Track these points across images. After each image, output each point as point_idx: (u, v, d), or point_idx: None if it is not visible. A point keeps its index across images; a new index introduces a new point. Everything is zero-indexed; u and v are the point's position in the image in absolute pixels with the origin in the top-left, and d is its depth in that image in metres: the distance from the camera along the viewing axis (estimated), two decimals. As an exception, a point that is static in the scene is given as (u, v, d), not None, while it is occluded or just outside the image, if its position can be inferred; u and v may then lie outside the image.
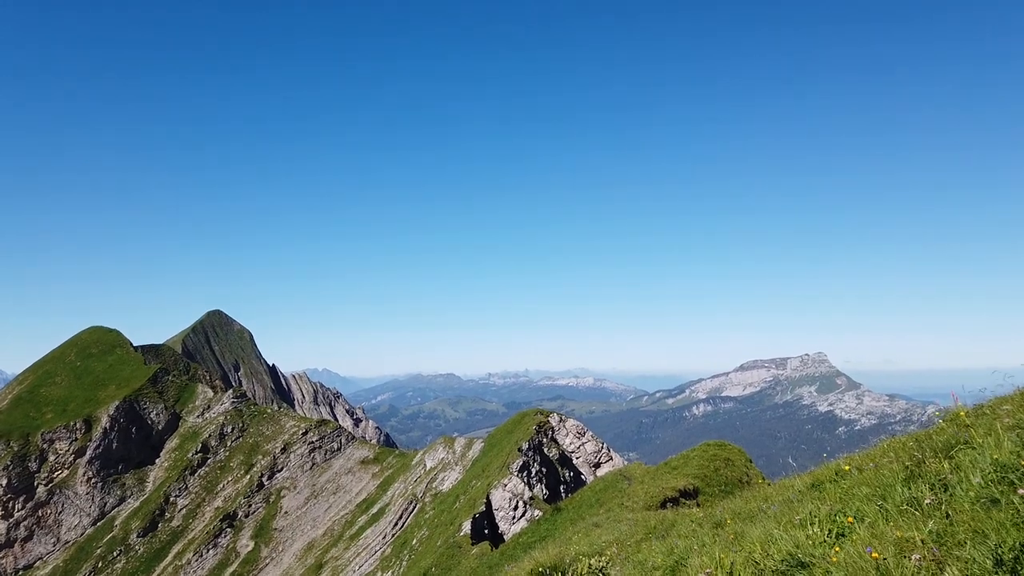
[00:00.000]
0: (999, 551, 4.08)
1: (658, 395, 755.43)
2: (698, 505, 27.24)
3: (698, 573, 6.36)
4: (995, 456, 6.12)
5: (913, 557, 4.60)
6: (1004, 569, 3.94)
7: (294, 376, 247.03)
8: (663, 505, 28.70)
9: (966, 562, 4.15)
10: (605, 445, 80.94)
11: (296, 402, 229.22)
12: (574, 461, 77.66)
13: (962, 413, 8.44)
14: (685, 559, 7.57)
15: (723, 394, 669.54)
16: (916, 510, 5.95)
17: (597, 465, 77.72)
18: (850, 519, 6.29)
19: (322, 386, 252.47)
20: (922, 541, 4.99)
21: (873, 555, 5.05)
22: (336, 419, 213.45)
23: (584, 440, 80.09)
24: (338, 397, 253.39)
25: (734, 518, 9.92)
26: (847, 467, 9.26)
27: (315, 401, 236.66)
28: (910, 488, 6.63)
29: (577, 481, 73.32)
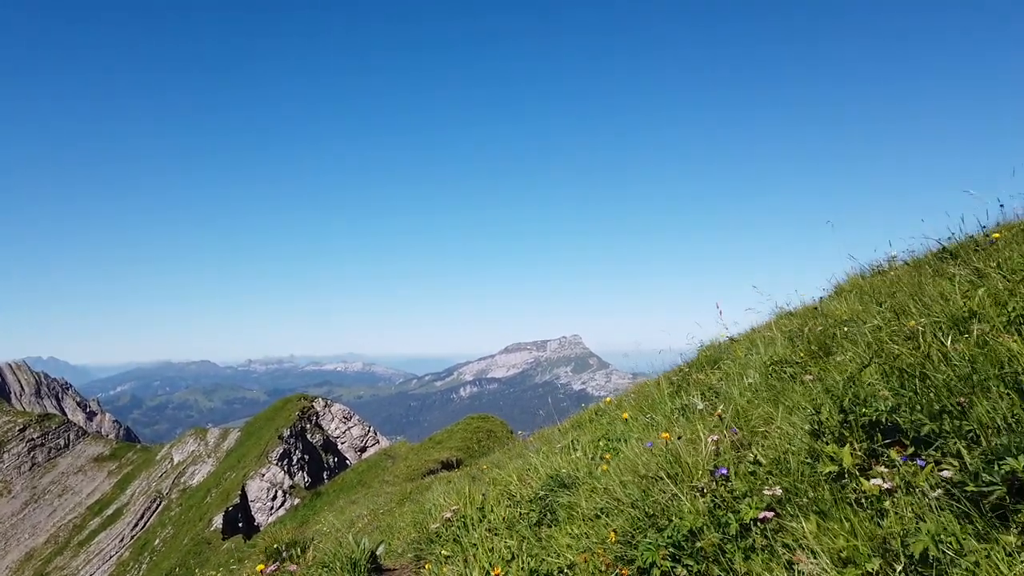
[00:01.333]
0: (816, 419, 3.47)
1: (427, 378, 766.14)
2: (461, 475, 27.04)
3: (443, 512, 5.40)
4: (770, 354, 5.85)
5: (710, 439, 3.87)
6: (827, 437, 3.32)
7: (10, 366, 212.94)
8: (425, 477, 28.13)
9: (778, 437, 3.54)
10: (372, 428, 79.82)
11: (14, 395, 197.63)
12: (339, 446, 75.68)
13: (723, 335, 8.34)
14: (434, 510, 6.58)
15: (489, 375, 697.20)
16: (691, 414, 5.47)
17: (363, 449, 76.38)
18: (624, 415, 5.70)
19: (47, 376, 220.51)
20: (714, 425, 4.37)
21: (663, 435, 4.26)
22: (64, 413, 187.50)
23: (350, 425, 78.35)
24: (67, 388, 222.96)
25: (491, 467, 9.22)
26: (608, 400, 8.88)
27: (38, 394, 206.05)
28: (680, 399, 6.21)
29: (341, 466, 71.50)
